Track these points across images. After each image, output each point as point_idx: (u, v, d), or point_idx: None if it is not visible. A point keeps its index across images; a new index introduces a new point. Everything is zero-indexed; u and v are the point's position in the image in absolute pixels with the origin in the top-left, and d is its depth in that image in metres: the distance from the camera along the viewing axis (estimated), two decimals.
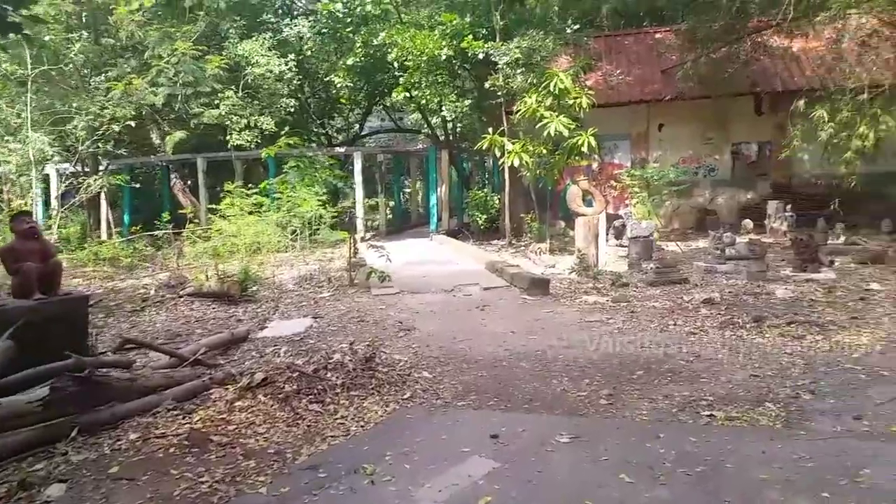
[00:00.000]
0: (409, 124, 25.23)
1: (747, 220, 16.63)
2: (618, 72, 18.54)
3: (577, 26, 15.55)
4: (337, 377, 5.03)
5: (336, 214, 13.33)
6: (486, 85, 14.34)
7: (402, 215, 23.46)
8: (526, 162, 11.64)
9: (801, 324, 6.26)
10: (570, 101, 11.35)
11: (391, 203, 23.19)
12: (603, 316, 7.33)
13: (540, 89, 11.44)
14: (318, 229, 13.28)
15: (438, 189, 20.32)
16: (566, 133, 10.95)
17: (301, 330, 7.05)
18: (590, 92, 11.54)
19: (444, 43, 13.99)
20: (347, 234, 11.63)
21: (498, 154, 12.47)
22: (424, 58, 14.04)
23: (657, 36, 20.55)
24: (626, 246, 12.39)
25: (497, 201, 16.65)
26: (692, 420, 4.15)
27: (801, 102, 12.65)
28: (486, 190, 18.19)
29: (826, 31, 14.46)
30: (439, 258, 12.67)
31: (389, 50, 14.79)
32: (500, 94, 13.88)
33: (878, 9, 11.62)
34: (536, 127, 11.51)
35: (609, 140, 19.73)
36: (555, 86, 11.09)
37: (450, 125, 22.16)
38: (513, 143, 12.13)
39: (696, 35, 16.34)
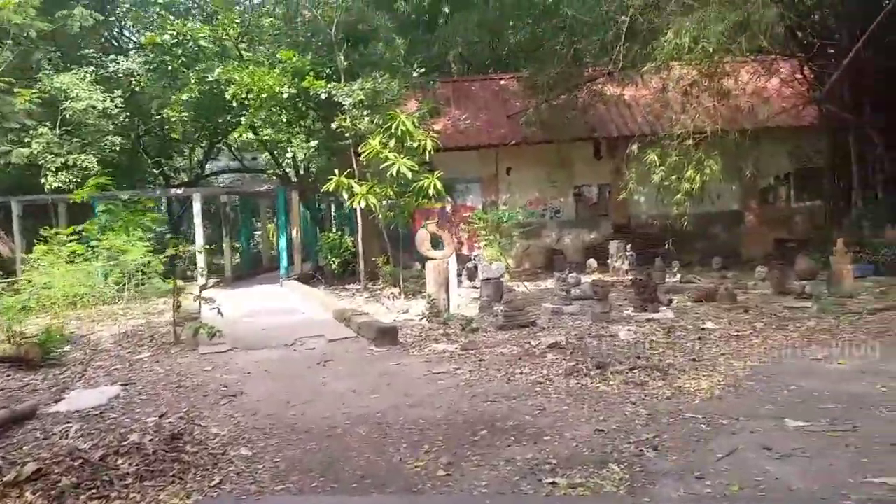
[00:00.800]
0: (262, 164, 24.15)
1: (591, 260, 17.25)
2: (464, 116, 18.82)
3: (423, 70, 15.52)
4: (130, 464, 4.20)
5: (168, 261, 12.12)
6: (334, 126, 13.90)
7: (251, 259, 22.21)
8: (373, 204, 11.23)
9: (644, 368, 6.22)
10: (415, 144, 11.14)
11: (240, 247, 21.92)
12: (451, 366, 6.95)
13: (384, 131, 11.15)
14: (147, 278, 12.03)
15: (290, 231, 19.43)
16: (409, 175, 10.70)
17: (104, 402, 6.03)
18: (435, 135, 11.41)
19: (284, 80, 13.40)
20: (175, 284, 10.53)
21: (346, 196, 11.97)
22: (264, 95, 13.36)
23: (502, 82, 21.20)
24: (479, 287, 12.29)
25: (352, 244, 16.11)
26: (533, 489, 3.78)
27: (635, 147, 13.30)
28: (339, 232, 17.56)
29: (654, 81, 15.47)
30: (285, 307, 11.85)
31: (227, 87, 13.96)
32: (347, 135, 13.48)
33: (696, 61, 12.55)
34: (381, 168, 11.19)
35: (461, 183, 19.92)
36: (397, 127, 10.84)
37: (301, 165, 21.46)
38: (360, 185, 11.69)
39: (536, 82, 16.94)
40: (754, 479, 3.73)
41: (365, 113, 13.21)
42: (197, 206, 17.12)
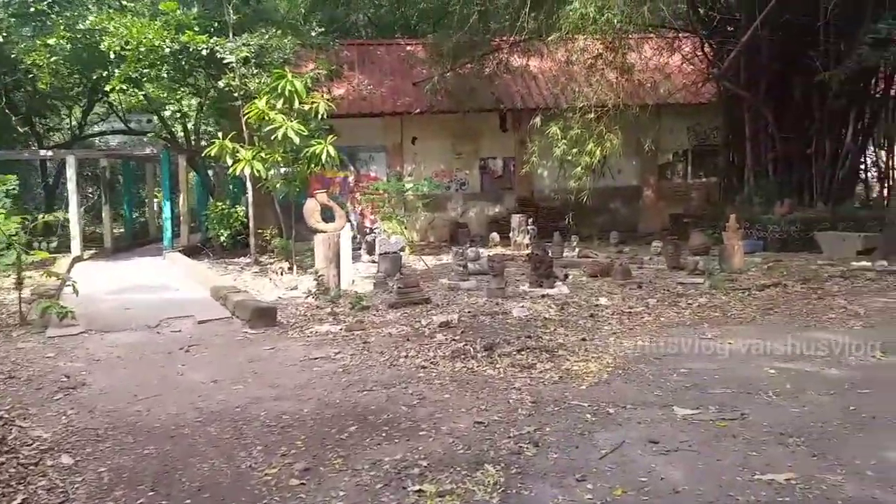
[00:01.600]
0: (154, 127, 22.30)
1: (494, 234, 16.99)
2: (366, 82, 18.04)
3: (323, 29, 14.59)
4: None
5: (34, 228, 10.79)
6: (221, 84, 12.83)
7: (137, 230, 20.63)
8: (258, 171, 10.38)
9: (533, 350, 5.88)
10: (306, 107, 10.35)
11: (124, 215, 20.30)
12: (332, 350, 6.38)
13: (271, 92, 10.27)
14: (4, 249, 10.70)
15: (177, 200, 18.11)
16: (297, 140, 9.93)
17: None
18: (331, 98, 10.63)
19: (166, 34, 12.18)
20: (46, 254, 9.34)
21: (230, 162, 11.04)
22: (143, 49, 12.10)
23: (409, 48, 20.41)
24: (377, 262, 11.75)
25: (243, 214, 15.08)
26: (397, 500, 3.31)
27: (538, 120, 13.01)
28: (228, 202, 16.45)
29: (560, 53, 15.20)
30: (159, 283, 10.85)
31: (102, 38, 12.56)
32: (236, 95, 12.46)
33: (600, 33, 12.35)
34: (265, 131, 10.36)
35: (365, 152, 19.18)
36: (284, 88, 10.01)
37: (191, 128, 20.00)
38: (247, 150, 10.78)
39: (441, 49, 16.35)
40: (639, 480, 3.40)
41: (254, 72, 12.24)
42: (70, 171, 15.58)
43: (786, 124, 14.50)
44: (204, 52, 11.83)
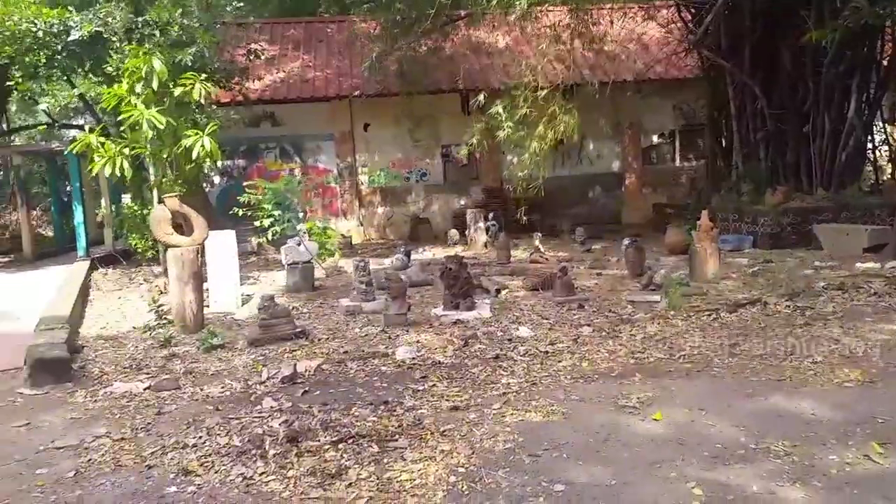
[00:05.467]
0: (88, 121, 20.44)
1: (453, 231, 15.08)
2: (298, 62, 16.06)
3: (241, 4, 12.61)
4: None
5: None
6: (109, 70, 10.93)
7: (69, 234, 18.81)
8: (121, 169, 8.47)
9: (358, 440, 3.97)
10: (178, 91, 8.45)
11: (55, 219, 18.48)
12: (96, 430, 4.47)
13: (133, 73, 8.36)
14: None
15: (102, 200, 16.32)
16: (160, 126, 8.03)
17: None
18: (206, 83, 8.65)
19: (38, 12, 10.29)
20: None
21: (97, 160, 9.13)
22: (7, 33, 10.24)
23: (363, 24, 18.28)
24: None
25: None
26: None
27: (481, 97, 11.18)
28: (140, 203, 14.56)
29: (528, 27, 13.16)
30: (7, 307, 9.02)
31: None
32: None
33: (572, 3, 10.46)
34: (118, 120, 8.47)
35: (311, 141, 17.29)
36: (140, 68, 8.10)
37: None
38: (116, 144, 8.86)
39: (392, 24, 14.36)
40: None
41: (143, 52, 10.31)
42: None
43: (776, 98, 12.39)
44: (76, 34, 9.85)
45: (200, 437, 4.25)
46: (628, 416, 4.23)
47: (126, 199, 16.12)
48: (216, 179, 16.74)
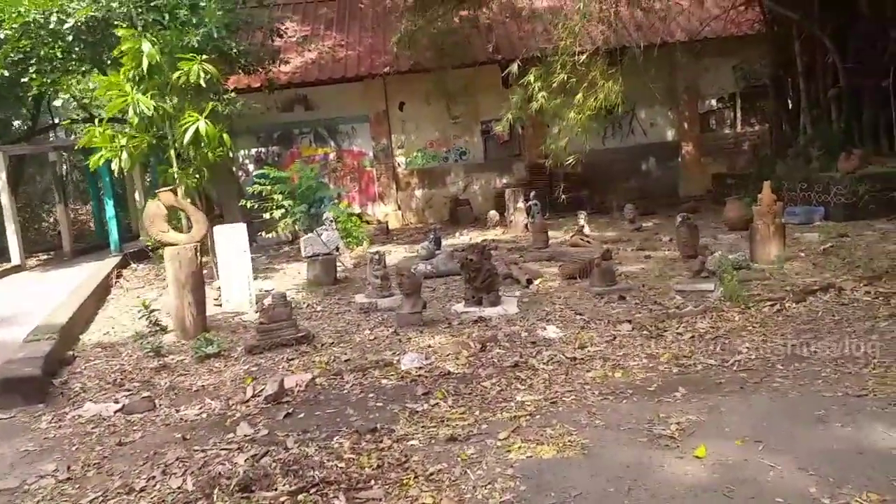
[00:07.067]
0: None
1: (493, 212, 14.21)
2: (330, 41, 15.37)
3: None
4: None
5: None
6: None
7: (107, 231, 18.83)
8: (125, 162, 7.97)
9: (321, 490, 3.25)
10: (179, 75, 7.86)
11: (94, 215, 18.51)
12: (40, 468, 3.94)
13: (130, 59, 7.81)
14: None
15: (135, 196, 16.23)
16: (148, 112, 7.48)
17: None
18: (205, 64, 8.02)
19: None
20: None
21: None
22: (16, 26, 9.88)
23: None
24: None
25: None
26: None
27: (514, 67, 10.25)
28: None
29: None
30: (28, 307, 8.71)
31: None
32: None
33: None
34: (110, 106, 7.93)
35: (345, 123, 16.65)
36: (130, 51, 7.54)
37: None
38: (122, 137, 8.38)
39: None
40: None
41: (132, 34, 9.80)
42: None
43: (851, 51, 10.95)
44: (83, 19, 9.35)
45: (153, 479, 3.62)
46: (663, 452, 3.37)
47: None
48: (251, 168, 16.30)
